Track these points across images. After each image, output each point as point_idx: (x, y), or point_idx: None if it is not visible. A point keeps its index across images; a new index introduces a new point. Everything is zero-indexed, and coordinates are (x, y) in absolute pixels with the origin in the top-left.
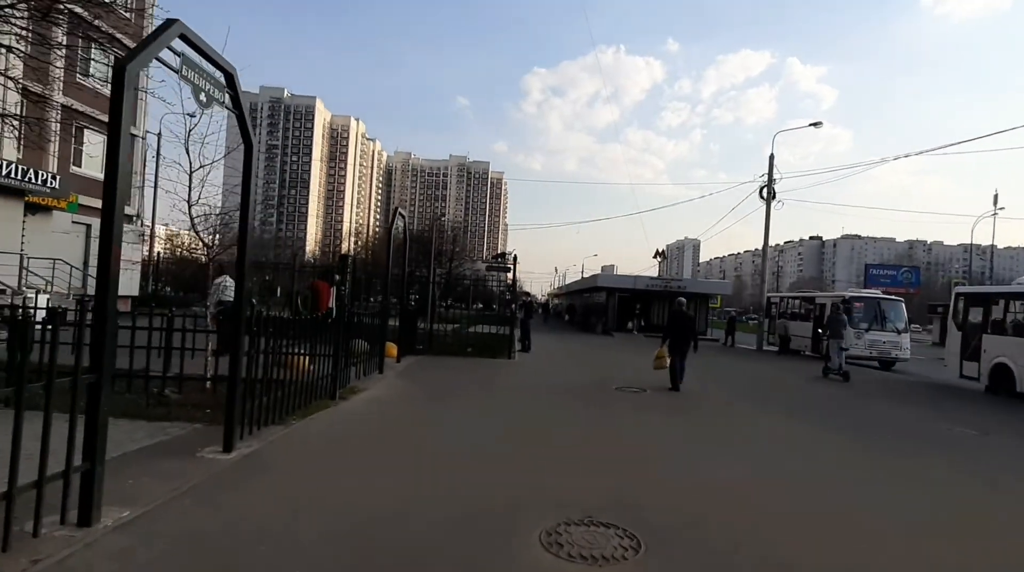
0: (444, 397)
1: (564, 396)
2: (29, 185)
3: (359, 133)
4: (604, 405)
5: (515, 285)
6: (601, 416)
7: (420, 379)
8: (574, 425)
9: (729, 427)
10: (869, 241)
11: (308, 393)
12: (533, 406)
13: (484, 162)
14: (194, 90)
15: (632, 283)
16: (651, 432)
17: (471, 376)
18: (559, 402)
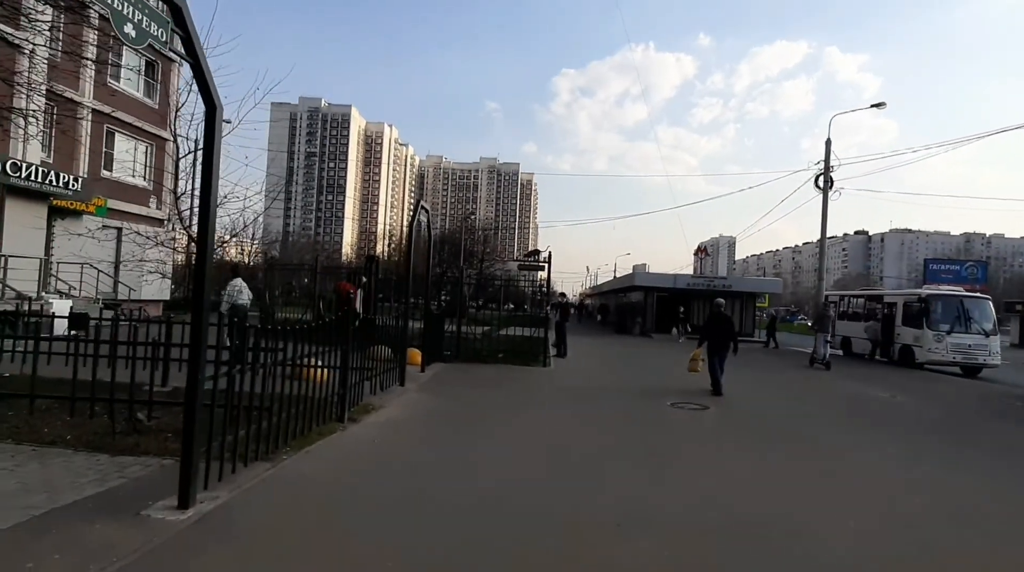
0: (471, 421)
1: (613, 417)
2: (51, 187)
3: (392, 139)
4: (662, 428)
5: (549, 284)
6: (662, 445)
7: (445, 393)
8: (632, 462)
9: (841, 462)
10: (921, 235)
11: (310, 416)
12: (578, 434)
13: (514, 163)
14: (115, 18)
15: (671, 282)
16: (734, 471)
17: (503, 390)
18: (608, 426)
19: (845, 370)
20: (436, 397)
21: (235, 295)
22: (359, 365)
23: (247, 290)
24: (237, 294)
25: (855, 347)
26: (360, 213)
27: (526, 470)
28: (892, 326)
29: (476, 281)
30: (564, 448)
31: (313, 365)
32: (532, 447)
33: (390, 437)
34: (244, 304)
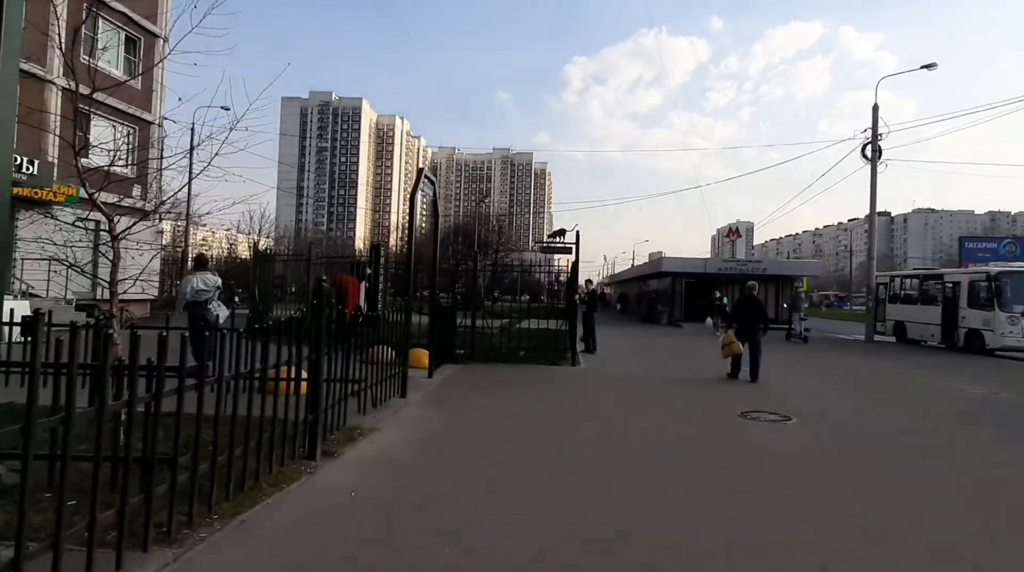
0: (492, 451)
1: (680, 439)
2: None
3: (404, 131)
4: (749, 455)
5: (577, 268)
6: (762, 486)
7: (457, 407)
8: (727, 522)
9: None
10: (944, 215)
11: (262, 456)
12: (646, 471)
13: (528, 153)
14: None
15: (702, 267)
16: (900, 533)
17: (528, 400)
18: (680, 454)
19: (908, 358)
20: (445, 413)
21: (192, 293)
22: (344, 376)
23: (212, 285)
24: (194, 292)
25: (910, 333)
26: (373, 207)
27: (588, 554)
28: (955, 309)
29: (492, 271)
30: (638, 506)
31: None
32: (585, 502)
33: (377, 484)
34: (204, 301)
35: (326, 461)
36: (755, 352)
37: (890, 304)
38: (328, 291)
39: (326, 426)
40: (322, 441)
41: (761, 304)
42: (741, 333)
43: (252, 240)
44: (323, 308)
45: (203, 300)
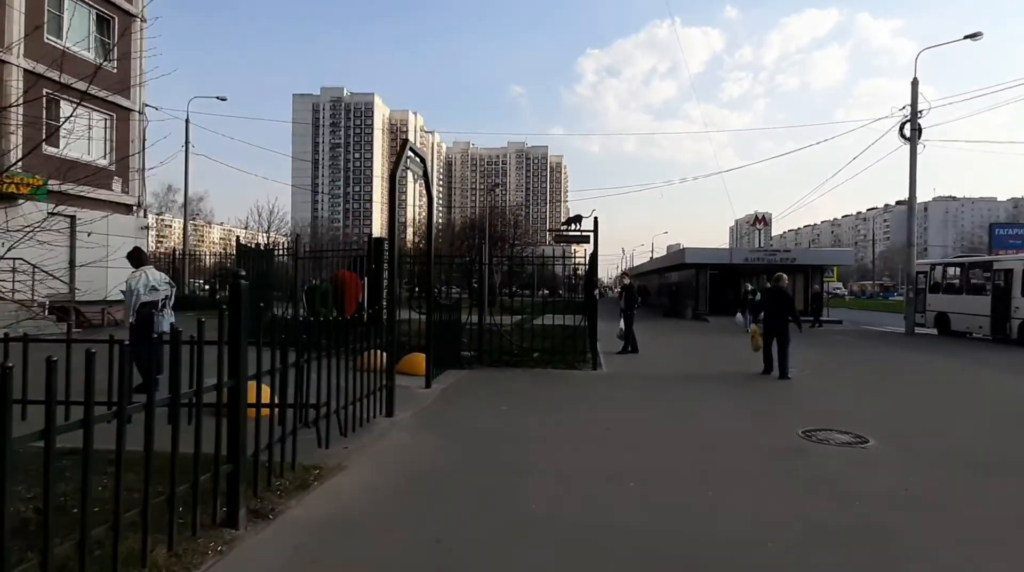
0: (495, 500)
1: (731, 477)
2: None
3: (417, 127)
4: (827, 497)
5: (596, 258)
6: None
7: (454, 431)
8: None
9: None
10: (966, 202)
11: (153, 524)
12: (685, 524)
13: (542, 146)
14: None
15: (727, 257)
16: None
17: (543, 417)
18: (733, 502)
19: (963, 354)
20: (438, 438)
21: (147, 291)
22: (299, 400)
23: (157, 283)
24: (148, 290)
25: (954, 324)
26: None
27: None
28: (1007, 298)
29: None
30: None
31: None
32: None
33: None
34: (158, 304)
35: (254, 528)
36: (784, 347)
37: (931, 294)
38: (324, 289)
39: (271, 467)
40: (260, 491)
41: (790, 296)
42: (769, 327)
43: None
44: (241, 310)
45: (154, 300)
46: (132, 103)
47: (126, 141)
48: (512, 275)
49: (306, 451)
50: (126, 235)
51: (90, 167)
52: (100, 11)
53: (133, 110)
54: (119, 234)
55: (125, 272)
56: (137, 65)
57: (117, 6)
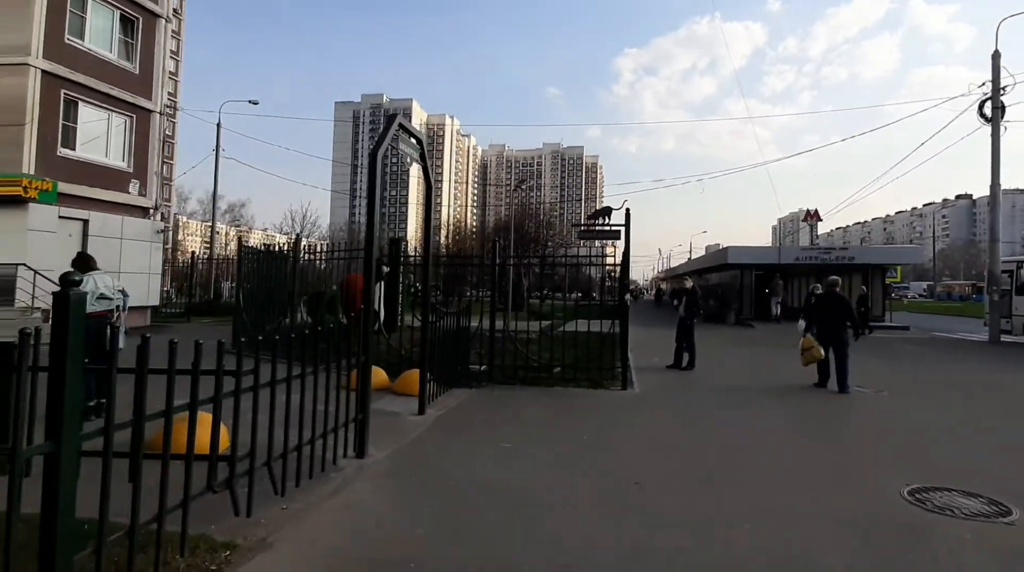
0: None
1: None
2: None
3: (454, 130)
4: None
5: (628, 255)
6: None
7: (433, 486)
8: None
9: None
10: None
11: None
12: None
13: (578, 147)
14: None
15: (775, 257)
16: None
17: (556, 462)
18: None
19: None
20: (409, 496)
21: (93, 299)
22: (231, 446)
23: (108, 290)
24: (94, 298)
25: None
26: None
27: None
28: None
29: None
30: None
31: None
32: None
33: None
34: (110, 313)
35: None
36: (842, 358)
37: (1018, 296)
38: (331, 295)
39: (161, 543)
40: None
41: (846, 301)
42: (823, 335)
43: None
44: (69, 332)
45: (104, 310)
46: (153, 104)
47: (145, 143)
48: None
49: None
50: (141, 239)
51: (106, 170)
52: (124, 11)
53: (154, 111)
54: (134, 238)
55: (140, 278)
56: (159, 66)
57: (142, 6)
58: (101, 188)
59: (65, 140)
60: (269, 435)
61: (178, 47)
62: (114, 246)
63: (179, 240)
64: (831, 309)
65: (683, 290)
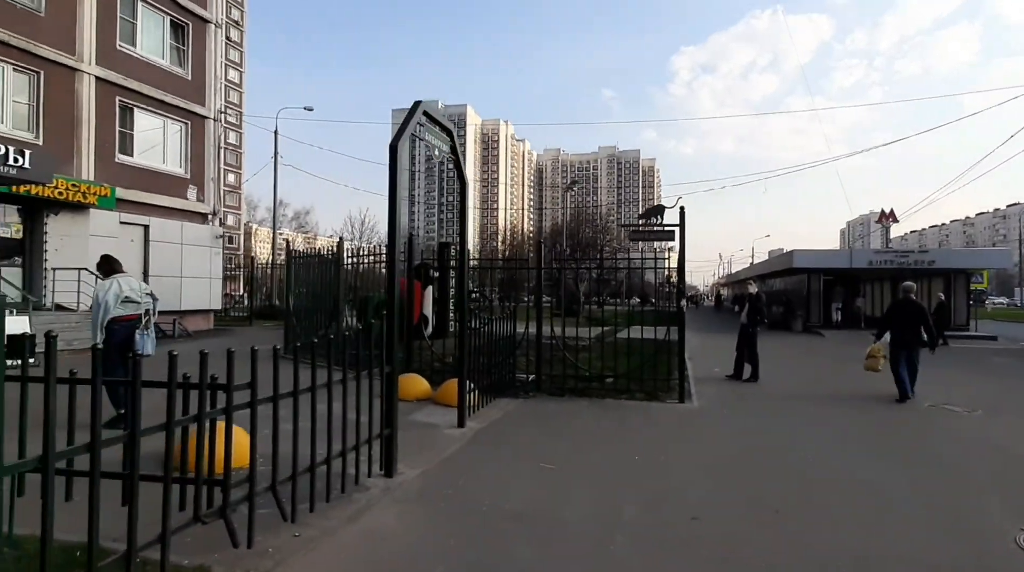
0: None
1: None
2: None
3: (508, 135)
4: None
5: (683, 257)
6: None
7: (463, 513)
8: None
9: None
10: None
11: None
12: None
13: (634, 150)
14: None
15: (846, 260)
16: None
17: (600, 489)
18: None
19: None
20: (436, 526)
21: (117, 303)
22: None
23: (133, 293)
24: (118, 301)
25: None
26: (481, 213)
27: None
28: None
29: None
30: None
31: None
32: None
33: None
34: (124, 319)
35: None
36: (913, 370)
37: None
38: (380, 299)
39: None
40: None
41: (923, 308)
42: (897, 345)
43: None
44: None
45: (130, 315)
46: (207, 111)
47: (201, 149)
48: (600, 282)
49: None
50: (201, 244)
51: (164, 176)
52: (174, 17)
53: (208, 117)
54: (194, 243)
55: (201, 282)
56: (212, 72)
57: (191, 12)
58: (160, 194)
59: (123, 146)
60: (273, 454)
61: (240, 58)
62: (174, 251)
63: (250, 247)
64: (906, 316)
65: (746, 296)
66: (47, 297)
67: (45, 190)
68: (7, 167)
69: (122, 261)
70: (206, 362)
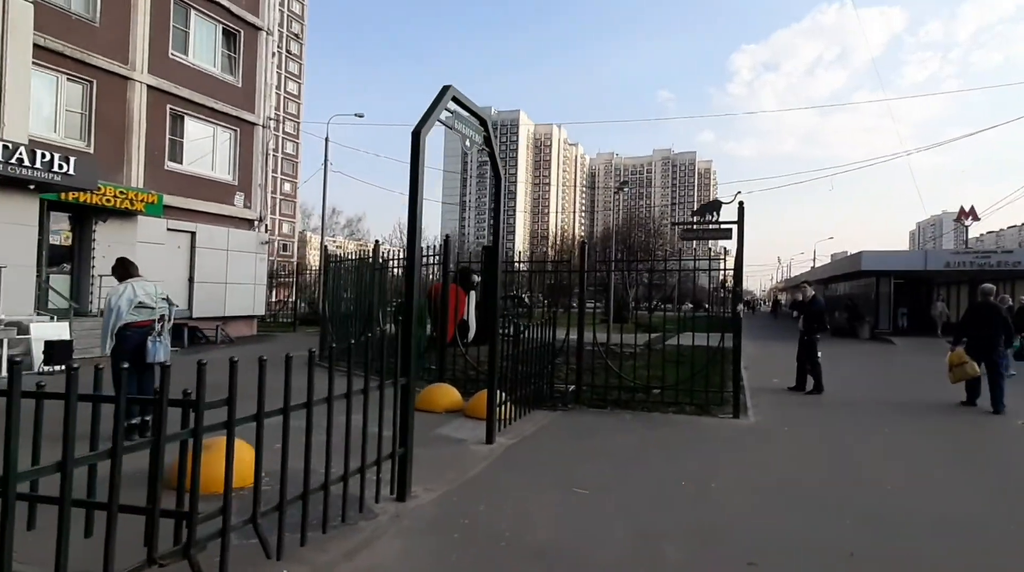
0: None
1: None
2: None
3: (561, 140)
4: None
5: (741, 256)
6: None
7: (478, 549)
8: None
9: None
10: None
11: None
12: None
13: (690, 152)
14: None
15: (920, 261)
16: None
17: (638, 524)
18: None
19: None
20: (450, 568)
21: (130, 308)
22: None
23: (147, 298)
24: (131, 306)
25: None
26: (532, 218)
27: None
28: None
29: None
30: None
31: None
32: None
33: None
34: (137, 324)
35: None
36: (995, 375)
37: None
38: (420, 305)
39: None
40: None
41: (1002, 312)
42: (975, 350)
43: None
44: None
45: (146, 320)
46: (256, 118)
47: (249, 156)
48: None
49: None
50: (246, 250)
51: (212, 182)
52: (227, 25)
53: (257, 124)
54: (239, 249)
55: (246, 288)
56: (262, 79)
57: (243, 20)
58: (207, 200)
59: (172, 154)
60: (256, 483)
61: (299, 70)
62: (220, 257)
63: (304, 254)
64: (984, 321)
65: (800, 301)
66: (92, 303)
67: (93, 197)
68: (52, 174)
69: (169, 267)
70: (203, 374)
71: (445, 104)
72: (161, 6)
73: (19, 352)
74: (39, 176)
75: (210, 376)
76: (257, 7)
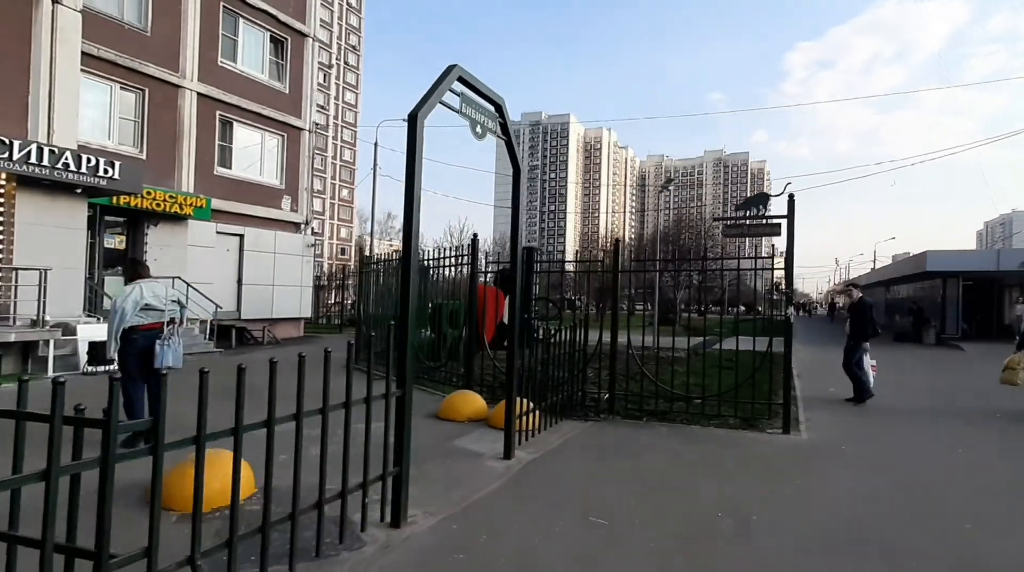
0: None
1: None
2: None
3: (611, 143)
4: None
5: (792, 253)
6: None
7: None
8: None
9: None
10: None
11: None
12: None
13: (743, 153)
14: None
15: (991, 262)
16: None
17: (665, 567)
18: None
19: None
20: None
21: (135, 309)
22: None
23: (155, 300)
24: (136, 308)
25: None
26: (581, 221)
27: None
28: None
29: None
30: None
31: None
32: None
33: None
34: (144, 327)
35: None
36: None
37: None
38: (455, 307)
39: None
40: None
41: None
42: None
43: None
44: None
45: (151, 324)
46: (303, 123)
47: (296, 160)
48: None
49: None
50: (293, 253)
51: (260, 187)
52: (274, 33)
53: (303, 129)
54: (286, 252)
55: (292, 291)
56: (308, 84)
57: (291, 27)
58: (255, 204)
59: (221, 159)
60: (194, 516)
61: (356, 80)
62: (268, 260)
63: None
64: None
65: (850, 303)
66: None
67: (144, 202)
68: (97, 178)
69: (218, 269)
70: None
71: (449, 85)
72: (211, 15)
73: (66, 352)
74: (84, 180)
75: (250, 378)
76: (304, 14)
